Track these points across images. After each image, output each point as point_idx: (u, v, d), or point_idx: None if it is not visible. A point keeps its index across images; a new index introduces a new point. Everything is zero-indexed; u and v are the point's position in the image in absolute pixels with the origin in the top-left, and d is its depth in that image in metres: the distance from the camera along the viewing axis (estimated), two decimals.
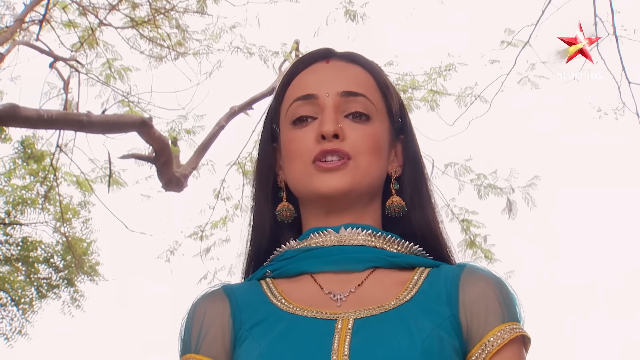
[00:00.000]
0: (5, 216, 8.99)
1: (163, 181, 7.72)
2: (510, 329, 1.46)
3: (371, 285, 1.51)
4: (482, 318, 1.46)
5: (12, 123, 6.56)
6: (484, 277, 1.51)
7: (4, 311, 9.02)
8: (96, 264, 9.38)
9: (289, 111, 1.59)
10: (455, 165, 8.47)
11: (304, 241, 1.57)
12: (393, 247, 1.56)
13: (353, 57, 1.64)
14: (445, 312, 1.47)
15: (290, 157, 1.57)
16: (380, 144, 1.58)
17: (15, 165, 8.88)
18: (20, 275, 9.22)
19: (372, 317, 1.45)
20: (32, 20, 7.79)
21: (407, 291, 1.50)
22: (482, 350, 1.44)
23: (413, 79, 8.82)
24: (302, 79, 1.61)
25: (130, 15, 8.20)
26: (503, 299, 1.49)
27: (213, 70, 8.57)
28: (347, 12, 8.41)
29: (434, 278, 1.52)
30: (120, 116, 7.21)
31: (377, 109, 1.59)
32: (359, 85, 1.59)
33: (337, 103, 1.56)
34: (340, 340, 1.41)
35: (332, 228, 1.55)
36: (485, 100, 7.97)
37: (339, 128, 1.54)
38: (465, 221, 8.36)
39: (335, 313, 1.46)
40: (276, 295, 1.53)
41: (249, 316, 1.50)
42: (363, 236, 1.55)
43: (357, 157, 1.53)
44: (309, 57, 1.64)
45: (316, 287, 1.52)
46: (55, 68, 7.62)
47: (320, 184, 1.52)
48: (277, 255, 1.59)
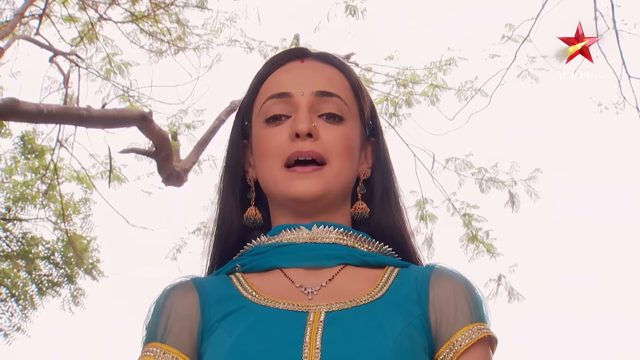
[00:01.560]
0: (6, 212, 8.99)
1: (163, 176, 7.72)
2: (477, 329, 1.48)
3: (342, 280, 1.53)
4: (450, 318, 1.48)
5: (12, 117, 6.55)
6: (453, 278, 1.54)
7: (4, 307, 9.02)
8: (97, 260, 9.37)
9: (263, 108, 1.59)
10: (456, 160, 8.46)
11: (275, 237, 1.57)
12: (364, 246, 1.58)
13: (327, 58, 1.65)
14: (416, 310, 1.48)
15: (263, 156, 1.57)
16: (353, 145, 1.59)
17: (16, 161, 8.87)
18: (21, 272, 9.21)
19: (343, 311, 1.45)
20: (32, 15, 7.79)
21: (378, 288, 1.51)
22: (449, 350, 1.46)
23: (413, 73, 8.81)
24: (277, 77, 1.61)
25: (130, 9, 8.20)
26: (472, 300, 1.51)
27: (213, 64, 8.57)
28: (348, 8, 8.40)
29: (404, 277, 1.54)
30: (120, 111, 7.20)
31: (350, 110, 1.60)
32: (333, 85, 1.60)
33: (312, 102, 1.57)
34: (312, 333, 1.41)
35: (304, 225, 1.56)
36: (485, 95, 7.97)
37: (313, 127, 1.54)
38: (467, 215, 8.35)
39: (307, 305, 1.47)
40: (247, 288, 1.53)
41: (219, 309, 1.49)
42: (335, 234, 1.56)
43: (331, 160, 1.54)
44: (284, 56, 1.65)
45: (287, 281, 1.52)
46: (55, 62, 7.61)
47: (294, 189, 1.53)
48: (247, 250, 1.59)
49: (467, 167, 8.42)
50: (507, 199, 8.32)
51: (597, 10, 6.31)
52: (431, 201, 8.42)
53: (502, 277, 8.20)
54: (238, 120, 1.67)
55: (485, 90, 7.98)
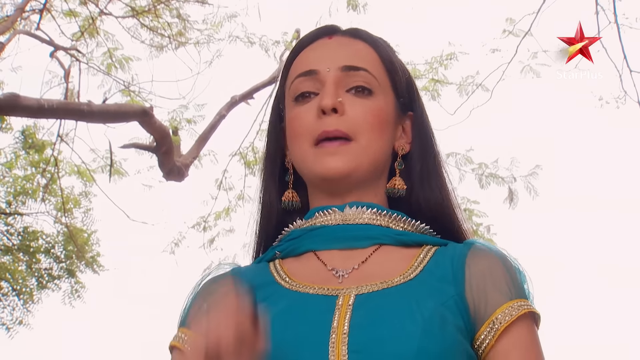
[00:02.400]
0: (6, 206, 8.99)
1: (164, 171, 7.72)
2: (518, 305, 1.43)
3: (375, 261, 1.49)
4: (489, 296, 1.43)
5: (13, 112, 6.55)
6: (491, 255, 1.48)
7: (5, 301, 9.03)
8: (97, 254, 9.38)
9: (291, 88, 1.57)
10: (456, 155, 8.46)
11: (309, 220, 1.55)
12: (399, 225, 1.54)
13: (356, 33, 1.62)
14: (450, 290, 1.43)
15: (294, 136, 1.55)
16: (383, 119, 1.54)
17: (17, 155, 8.88)
18: (21, 266, 9.22)
19: (373, 293, 1.42)
20: (32, 10, 7.78)
21: (412, 269, 1.47)
22: (490, 329, 1.41)
23: (414, 68, 8.80)
24: (305, 56, 1.59)
25: (131, 4, 8.19)
26: (510, 277, 1.46)
27: (213, 59, 8.56)
28: (349, 2, 8.40)
29: (441, 256, 1.49)
30: (121, 105, 7.20)
31: (380, 83, 1.56)
32: (360, 59, 1.56)
33: (338, 78, 1.53)
34: (340, 317, 1.39)
35: (337, 207, 1.53)
36: (486, 89, 7.96)
37: (339, 102, 1.51)
38: (467, 210, 8.35)
39: (337, 289, 1.44)
40: (281, 274, 1.51)
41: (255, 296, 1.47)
42: (368, 214, 1.53)
43: (358, 136, 1.51)
44: (313, 34, 1.62)
45: (320, 264, 1.50)
46: (55, 57, 7.61)
47: (321, 167, 1.50)
48: (285, 236, 1.58)
49: (468, 163, 8.42)
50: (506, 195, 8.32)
51: (598, 4, 6.31)
52: None
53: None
54: (274, 105, 1.65)
55: (486, 85, 7.98)
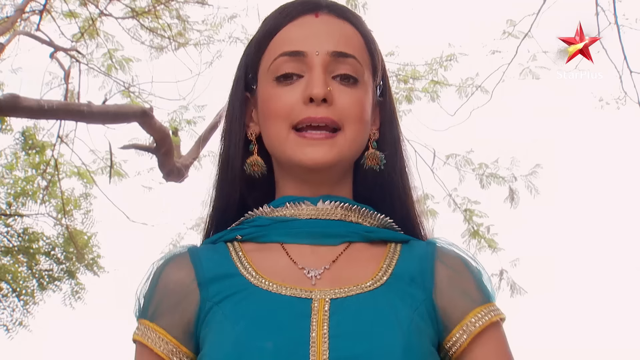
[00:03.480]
0: (7, 207, 8.99)
1: (164, 171, 7.71)
2: (488, 310, 1.45)
3: (346, 262, 1.47)
4: (459, 301, 1.45)
5: (13, 113, 6.56)
6: (457, 259, 1.50)
7: (5, 302, 9.03)
8: (97, 256, 9.38)
9: (273, 65, 1.49)
10: (456, 157, 8.46)
11: (278, 209, 1.50)
12: (367, 220, 1.52)
13: (342, 12, 1.54)
14: (420, 295, 1.44)
15: (271, 116, 1.48)
16: (366, 109, 1.51)
17: (17, 156, 8.88)
18: (22, 267, 9.22)
19: (348, 299, 1.41)
20: (32, 11, 7.78)
21: (382, 271, 1.46)
22: (462, 332, 1.43)
23: (414, 69, 8.80)
24: (289, 33, 1.50)
25: (131, 5, 8.19)
26: (477, 281, 1.48)
27: (213, 60, 8.56)
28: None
29: (407, 256, 1.49)
30: (121, 106, 7.20)
31: (364, 71, 1.51)
32: (349, 45, 1.50)
33: (326, 63, 1.47)
34: (318, 326, 1.37)
35: (309, 199, 1.50)
36: (486, 91, 7.97)
37: (329, 92, 1.46)
38: (468, 211, 8.35)
39: (310, 290, 1.42)
40: (245, 265, 1.46)
41: (217, 288, 1.44)
42: (340, 210, 1.50)
43: (345, 127, 1.46)
44: (296, 9, 1.52)
45: (288, 261, 1.46)
46: (55, 58, 7.61)
47: (304, 156, 1.45)
48: (248, 219, 1.52)
49: (468, 163, 8.42)
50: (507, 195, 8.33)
51: (598, 5, 6.32)
52: (432, 197, 8.42)
53: (504, 272, 8.20)
54: (241, 72, 1.57)
55: (485, 87, 7.99)
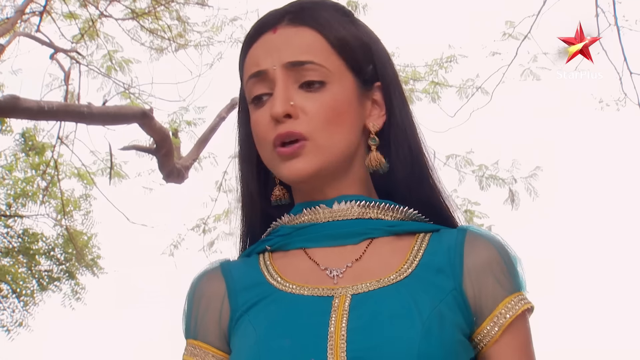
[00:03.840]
0: (7, 208, 8.99)
1: (164, 173, 7.71)
2: (518, 299, 1.43)
3: (369, 258, 1.45)
4: (490, 289, 1.42)
5: (13, 114, 6.56)
6: (488, 245, 1.45)
7: (5, 303, 9.03)
8: (97, 256, 9.39)
9: (247, 90, 1.51)
10: (456, 157, 8.47)
11: (297, 216, 1.51)
12: (389, 215, 1.49)
13: (300, 18, 1.49)
14: (448, 285, 1.41)
15: (257, 141, 1.50)
16: (341, 109, 1.46)
17: (17, 157, 8.88)
18: (22, 268, 9.22)
19: (370, 293, 1.39)
20: (32, 12, 7.79)
21: (407, 263, 1.43)
22: (494, 323, 1.41)
23: (414, 70, 8.81)
24: (252, 54, 1.50)
25: (131, 6, 8.19)
26: (508, 268, 1.45)
27: (214, 62, 8.57)
28: (349, 4, 8.41)
29: (436, 245, 1.46)
30: (121, 107, 7.20)
31: (330, 70, 1.46)
32: (304, 51, 1.46)
33: (286, 75, 1.45)
34: (337, 321, 1.36)
35: (324, 202, 1.49)
36: (486, 92, 7.98)
37: (291, 107, 1.44)
38: (468, 212, 8.35)
39: (332, 289, 1.41)
40: (272, 273, 1.48)
41: (246, 297, 1.46)
42: (357, 209, 1.48)
43: (314, 135, 1.44)
44: (257, 29, 1.52)
45: (311, 263, 1.46)
46: (55, 59, 7.61)
47: (287, 171, 1.45)
48: (274, 229, 1.54)
49: (468, 165, 8.43)
50: (506, 197, 8.34)
51: (598, 7, 6.32)
52: None
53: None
54: (242, 100, 1.58)
55: (485, 88, 8.00)
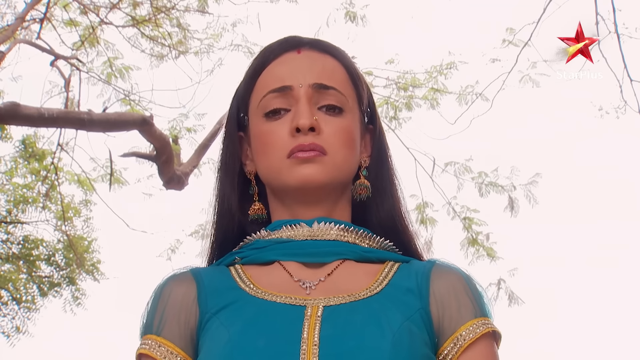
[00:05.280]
0: (7, 215, 9.00)
1: (164, 179, 7.72)
2: (481, 323, 1.46)
3: (341, 275, 1.51)
4: (454, 312, 1.47)
5: (13, 121, 6.56)
6: (454, 273, 1.52)
7: (6, 309, 9.03)
8: (97, 262, 9.39)
9: (262, 103, 1.56)
10: (455, 164, 8.47)
11: (275, 232, 1.56)
12: (365, 242, 1.56)
13: (324, 47, 1.61)
14: (416, 304, 1.46)
15: (265, 150, 1.54)
16: (354, 137, 1.57)
17: (17, 164, 8.89)
18: (22, 274, 9.22)
19: (341, 306, 1.43)
20: (33, 19, 7.80)
21: (377, 283, 1.49)
22: (453, 345, 1.45)
23: (414, 77, 8.82)
24: (274, 70, 1.57)
25: (131, 13, 8.21)
26: (473, 295, 1.50)
27: (214, 68, 8.58)
28: (348, 14, 8.42)
29: (405, 272, 1.52)
30: (121, 114, 7.21)
31: (348, 100, 1.57)
32: (331, 77, 1.57)
33: (310, 95, 1.54)
34: (310, 328, 1.40)
35: (305, 221, 1.54)
36: (486, 99, 7.98)
37: (315, 121, 1.52)
38: (467, 219, 8.36)
39: (304, 299, 1.45)
40: (244, 280, 1.51)
41: (215, 300, 1.48)
42: (335, 231, 1.54)
43: (332, 153, 1.52)
44: (279, 47, 1.60)
45: (285, 274, 1.51)
46: (56, 66, 7.61)
47: (297, 174, 1.50)
48: (247, 244, 1.58)
49: (467, 172, 8.43)
50: (506, 204, 8.33)
51: (598, 14, 6.32)
52: (431, 205, 8.44)
53: (502, 281, 8.21)
54: (233, 112, 1.63)
55: (486, 95, 8.00)
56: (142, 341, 1.49)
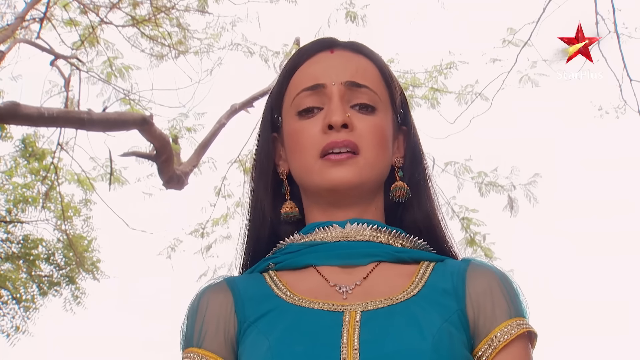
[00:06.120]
0: (7, 214, 9.01)
1: (164, 179, 7.73)
2: (517, 324, 1.46)
3: (377, 278, 1.50)
4: (489, 313, 1.46)
5: (13, 121, 6.57)
6: (490, 272, 1.51)
7: (6, 309, 9.04)
8: (97, 261, 9.40)
9: (295, 101, 1.57)
10: (455, 164, 8.47)
11: (308, 235, 1.55)
12: (398, 242, 1.56)
13: (357, 47, 1.62)
14: (453, 305, 1.46)
15: (297, 149, 1.55)
16: (386, 136, 1.57)
17: (17, 163, 8.89)
18: (22, 273, 9.23)
19: (379, 310, 1.43)
20: (32, 19, 7.80)
21: (413, 285, 1.49)
22: (488, 346, 1.44)
23: (414, 76, 8.82)
24: (308, 69, 1.59)
25: (131, 13, 8.21)
26: (509, 294, 1.49)
27: (214, 68, 8.58)
28: (348, 14, 8.42)
29: (440, 272, 1.51)
30: (121, 114, 7.21)
31: (381, 100, 1.58)
32: (364, 76, 1.57)
33: (343, 92, 1.54)
34: (349, 333, 1.40)
35: (338, 223, 1.54)
36: (486, 98, 7.98)
37: (347, 117, 1.52)
38: (466, 219, 8.36)
39: (342, 305, 1.45)
40: (280, 287, 1.51)
41: (253, 309, 1.48)
42: (369, 231, 1.54)
43: (365, 151, 1.52)
44: (313, 47, 1.62)
45: (321, 279, 1.51)
46: (56, 66, 7.62)
47: (329, 176, 1.51)
48: (280, 248, 1.58)
49: (467, 172, 8.43)
50: (506, 203, 8.34)
51: (598, 14, 6.32)
52: None
53: None
54: (267, 113, 1.64)
55: (485, 94, 8.00)
56: (184, 354, 1.49)
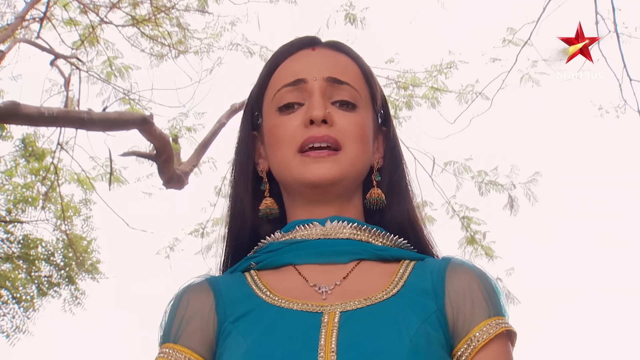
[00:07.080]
0: (6, 214, 9.00)
1: (164, 179, 7.72)
2: (495, 323, 1.45)
3: (357, 277, 1.50)
4: (468, 312, 1.46)
5: (13, 120, 6.56)
6: (470, 271, 1.51)
7: (5, 309, 9.03)
8: (97, 261, 9.40)
9: (275, 98, 1.57)
10: (455, 164, 8.47)
11: (288, 233, 1.56)
12: (378, 240, 1.56)
13: (338, 46, 1.63)
14: (432, 306, 1.45)
15: (276, 143, 1.55)
16: (367, 133, 1.57)
17: (17, 163, 8.89)
18: (21, 273, 9.23)
19: (358, 310, 1.43)
20: (32, 18, 7.80)
21: (393, 284, 1.48)
22: (467, 346, 1.44)
23: (414, 76, 8.82)
24: (288, 66, 1.59)
25: (131, 13, 8.21)
26: (488, 294, 1.48)
27: (214, 67, 8.58)
28: (347, 16, 8.42)
29: (420, 271, 1.51)
30: (121, 114, 7.20)
31: (362, 98, 1.58)
32: (345, 73, 1.58)
33: (324, 88, 1.55)
34: (327, 335, 1.40)
35: (318, 221, 1.55)
36: (486, 98, 7.98)
37: (328, 113, 1.53)
38: (466, 218, 8.36)
39: (321, 305, 1.45)
40: (261, 287, 1.51)
41: (234, 309, 1.48)
42: (349, 229, 1.54)
43: (346, 146, 1.52)
44: (294, 45, 1.62)
45: (301, 279, 1.51)
46: (56, 66, 7.62)
47: (309, 173, 1.51)
48: (261, 247, 1.58)
49: (466, 171, 8.43)
50: (506, 202, 8.34)
51: (598, 14, 6.32)
52: (430, 204, 8.43)
53: (499, 280, 8.21)
54: (247, 111, 1.64)
55: (485, 94, 8.00)
56: (160, 350, 1.49)
